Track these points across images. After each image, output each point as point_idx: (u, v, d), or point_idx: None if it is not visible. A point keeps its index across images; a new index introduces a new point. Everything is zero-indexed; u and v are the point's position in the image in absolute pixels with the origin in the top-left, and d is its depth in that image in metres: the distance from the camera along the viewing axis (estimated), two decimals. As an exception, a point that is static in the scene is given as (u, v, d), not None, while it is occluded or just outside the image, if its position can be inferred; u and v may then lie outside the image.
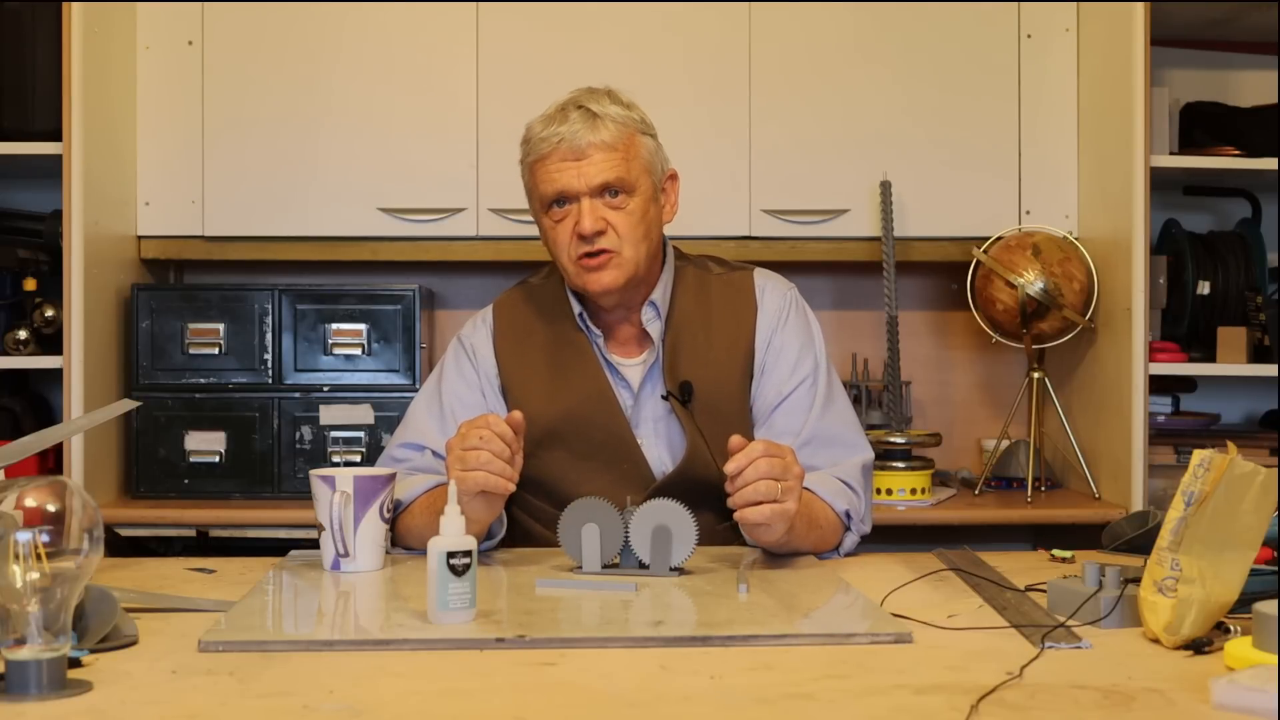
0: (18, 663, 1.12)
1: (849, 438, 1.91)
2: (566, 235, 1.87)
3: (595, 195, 1.86)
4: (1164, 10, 2.67)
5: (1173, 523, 1.30)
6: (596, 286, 1.88)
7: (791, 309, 1.97)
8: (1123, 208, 2.63)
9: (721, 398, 1.90)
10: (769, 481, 1.60)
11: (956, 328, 3.16)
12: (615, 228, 1.87)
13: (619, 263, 1.87)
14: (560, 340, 1.96)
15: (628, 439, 1.90)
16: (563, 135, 1.85)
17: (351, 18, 2.87)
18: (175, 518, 2.59)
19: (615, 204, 1.87)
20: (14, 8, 2.66)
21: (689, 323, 1.95)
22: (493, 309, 2.03)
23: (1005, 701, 1.11)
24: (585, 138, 1.85)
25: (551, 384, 1.93)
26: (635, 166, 1.88)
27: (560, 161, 1.86)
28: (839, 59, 2.90)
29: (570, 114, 1.87)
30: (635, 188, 1.88)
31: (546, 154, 1.87)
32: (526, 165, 1.93)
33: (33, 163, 2.66)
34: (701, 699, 1.13)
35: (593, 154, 1.85)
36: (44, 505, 1.20)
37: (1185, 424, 3.02)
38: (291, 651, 1.29)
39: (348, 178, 2.86)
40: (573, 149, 1.85)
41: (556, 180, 1.86)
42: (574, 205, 1.87)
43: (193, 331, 2.72)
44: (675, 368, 1.91)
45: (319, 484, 1.68)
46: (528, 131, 1.92)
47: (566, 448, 1.90)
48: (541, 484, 1.90)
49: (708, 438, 1.81)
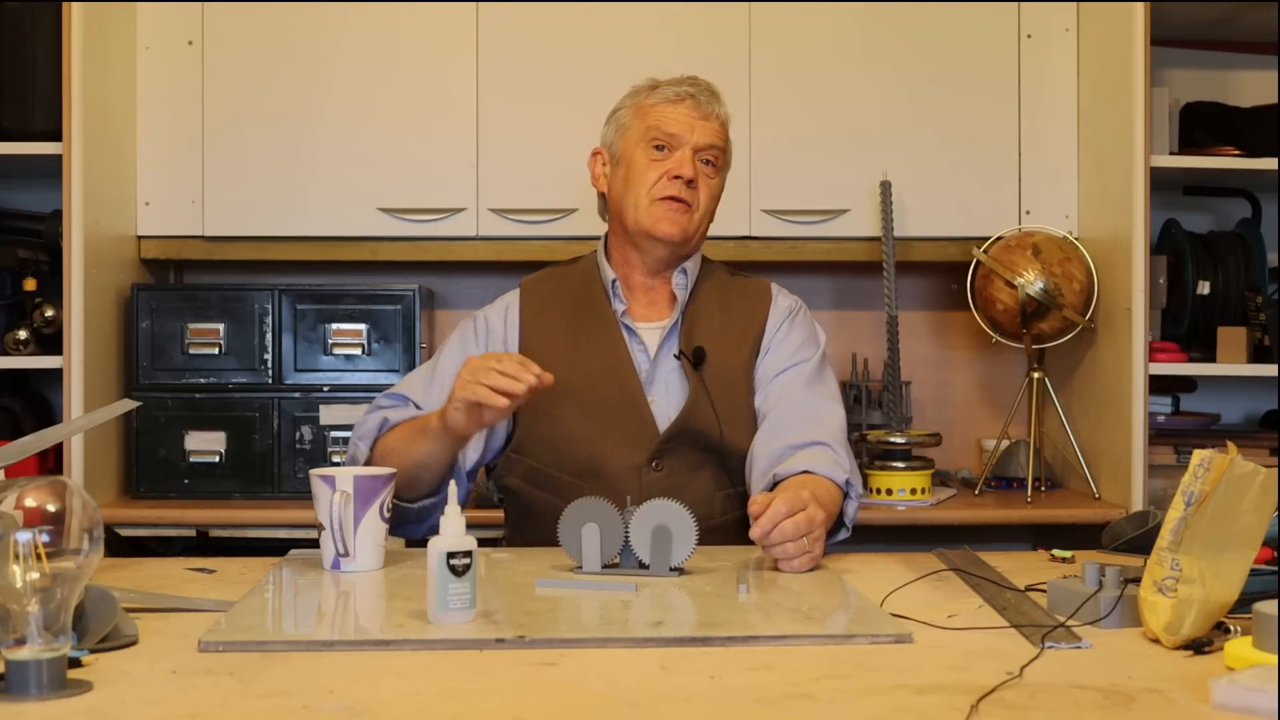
0: (18, 663, 1.12)
1: (829, 406, 2.04)
2: (657, 173, 2.03)
3: (699, 153, 2.04)
4: (1164, 10, 2.67)
5: (1173, 523, 1.30)
6: (669, 227, 2.03)
7: (800, 312, 2.14)
8: (1123, 208, 2.63)
9: (728, 367, 2.04)
10: (799, 543, 1.66)
11: (956, 328, 3.16)
12: (701, 188, 2.05)
13: (691, 218, 2.04)
14: (584, 307, 2.08)
15: (638, 398, 2.01)
16: (694, 94, 2.05)
17: (351, 18, 2.87)
18: (175, 518, 2.59)
19: (707, 171, 2.06)
20: (14, 8, 2.66)
21: (709, 301, 2.10)
22: (520, 285, 2.16)
23: (1005, 701, 1.11)
24: (712, 104, 2.06)
25: (572, 346, 2.05)
26: (729, 151, 2.11)
27: (687, 111, 2.04)
28: (839, 59, 2.90)
29: (699, 81, 2.08)
30: (724, 167, 2.10)
31: (676, 100, 2.05)
32: (639, 105, 2.08)
33: (33, 163, 2.66)
34: (701, 699, 1.13)
35: (713, 120, 2.06)
36: (44, 505, 1.20)
37: (1185, 424, 3.02)
38: (291, 651, 1.29)
39: (347, 178, 2.86)
40: (699, 107, 2.05)
41: (676, 124, 2.03)
42: (674, 154, 2.03)
43: (193, 331, 2.72)
44: (691, 334, 2.05)
45: (319, 484, 1.68)
46: (649, 81, 2.09)
47: (580, 405, 2.00)
48: (550, 441, 2.01)
49: (713, 399, 1.98)
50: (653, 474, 1.96)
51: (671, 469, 1.97)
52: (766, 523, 1.65)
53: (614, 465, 1.96)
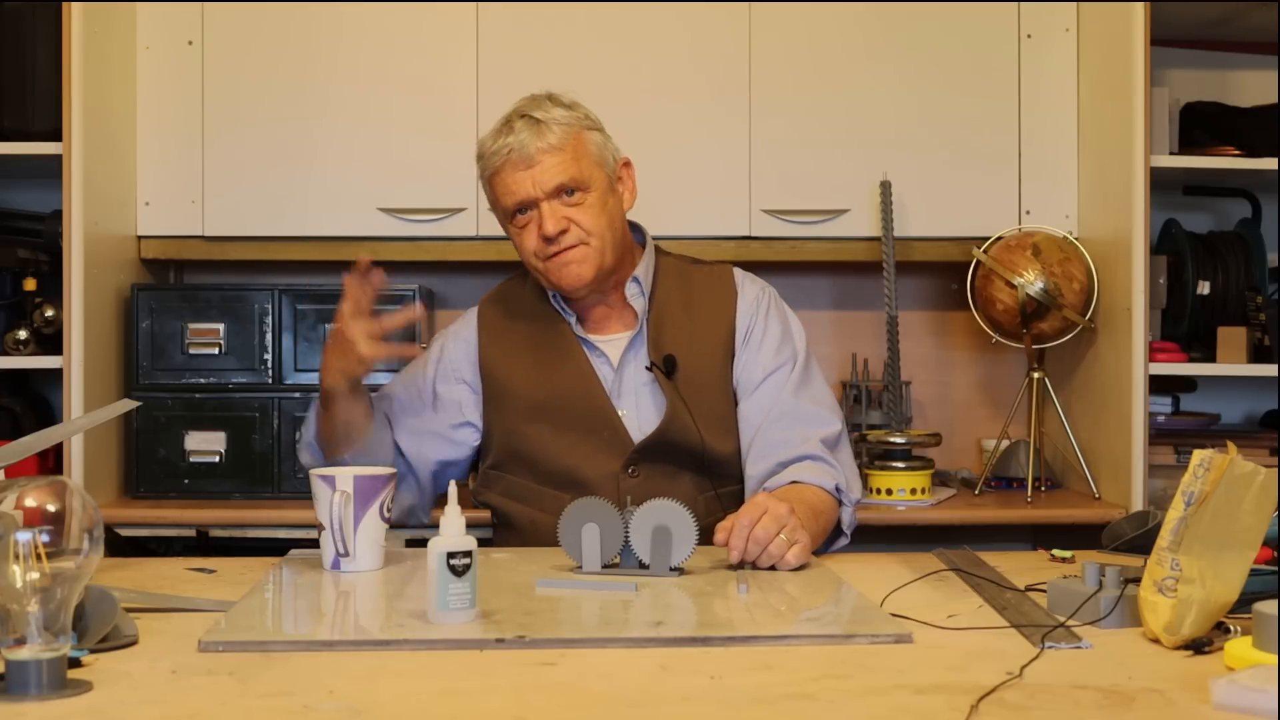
0: (18, 663, 1.12)
1: (820, 414, 2.00)
2: (533, 240, 1.97)
3: (553, 197, 1.95)
4: (1164, 10, 2.66)
5: (1173, 523, 1.30)
6: (570, 282, 1.98)
7: (771, 301, 2.09)
8: (1123, 208, 2.63)
9: (701, 371, 2.00)
10: (778, 540, 1.66)
11: (956, 328, 3.16)
12: (578, 223, 1.97)
13: (585, 255, 1.97)
14: (542, 324, 2.06)
15: (607, 410, 1.99)
16: (511, 146, 1.95)
17: (351, 18, 2.87)
18: (175, 518, 2.59)
19: (573, 201, 1.96)
20: (14, 8, 2.65)
21: (671, 303, 2.05)
22: (479, 304, 2.15)
23: (1005, 701, 1.11)
24: (533, 144, 1.94)
25: (534, 365, 2.03)
26: (586, 163, 1.97)
27: (513, 171, 1.95)
28: (839, 59, 2.90)
29: (515, 124, 1.97)
30: (589, 184, 1.97)
31: (499, 166, 1.97)
32: (485, 180, 2.02)
33: (33, 163, 2.66)
34: (701, 699, 1.13)
35: (542, 159, 1.94)
36: (44, 505, 1.20)
37: (1185, 424, 3.02)
38: (291, 651, 1.29)
39: (347, 178, 2.86)
40: (523, 157, 1.94)
41: (514, 190, 1.96)
42: (534, 211, 1.96)
43: (193, 331, 2.72)
44: (659, 341, 2.01)
45: (319, 483, 1.69)
46: (479, 148, 2.02)
47: (550, 422, 2.00)
48: (525, 458, 2.01)
49: (690, 408, 1.94)
50: (630, 480, 1.96)
51: (648, 475, 1.96)
52: (738, 541, 1.65)
53: (591, 474, 1.96)
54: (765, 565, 1.67)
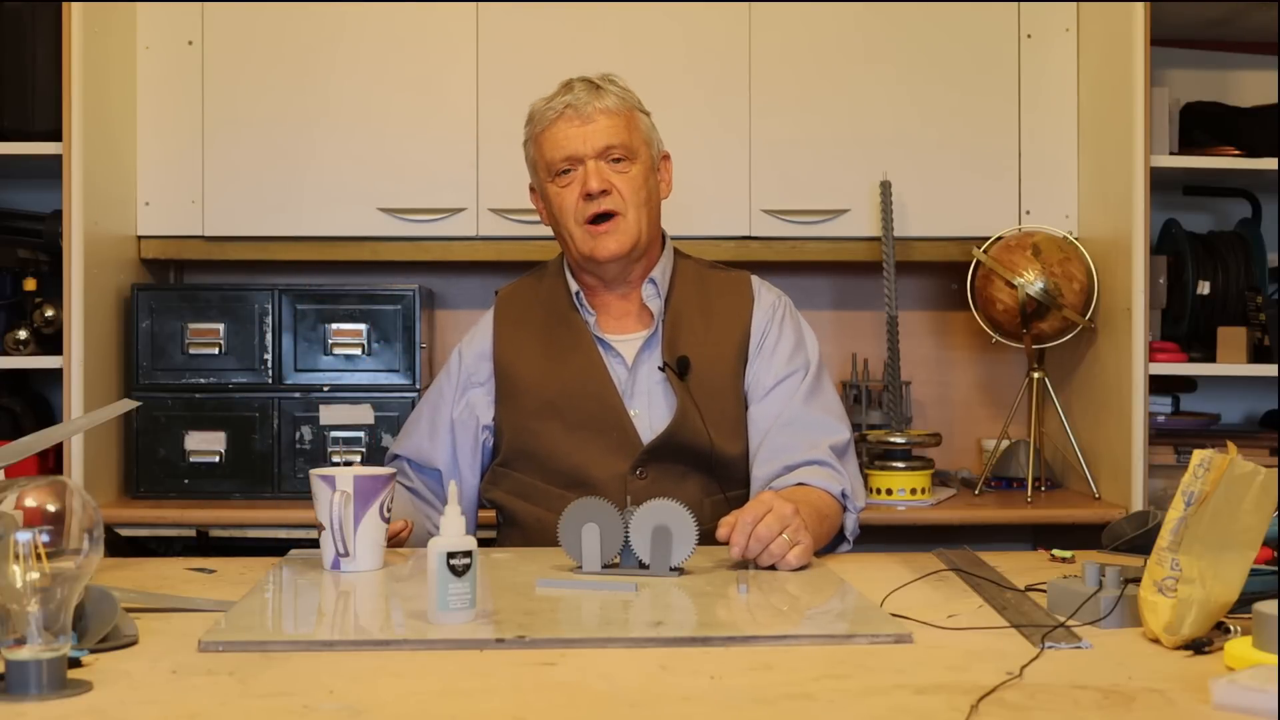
0: (18, 663, 1.12)
1: (829, 422, 2.00)
2: (573, 199, 1.98)
3: (600, 157, 1.97)
4: (1164, 10, 2.67)
5: (1173, 523, 1.30)
6: (604, 253, 1.98)
7: (786, 310, 2.10)
8: (1123, 208, 2.63)
9: (714, 375, 2.00)
10: (780, 540, 1.66)
11: (956, 328, 3.16)
12: (619, 189, 1.98)
13: (624, 227, 1.98)
14: (557, 321, 2.05)
15: (618, 409, 1.99)
16: (569, 102, 1.98)
17: (351, 18, 2.87)
18: (175, 518, 2.59)
19: (619, 169, 1.98)
20: (14, 8, 2.66)
21: (687, 305, 2.05)
22: (497, 295, 2.16)
23: (1005, 701, 1.11)
24: (591, 103, 1.97)
25: (547, 361, 2.03)
26: (636, 136, 2.01)
27: (567, 126, 1.97)
28: (839, 59, 2.90)
29: (575, 85, 2.00)
30: (637, 154, 2.00)
31: (554, 120, 1.98)
32: (532, 139, 2.03)
33: (33, 163, 2.66)
34: (701, 699, 1.13)
35: (598, 118, 1.97)
36: (44, 505, 1.20)
37: (1185, 424, 3.02)
38: (291, 651, 1.29)
39: (347, 178, 2.86)
40: (579, 114, 1.97)
41: (564, 145, 1.97)
42: (579, 170, 1.97)
43: (193, 331, 2.72)
44: (674, 343, 2.01)
45: (319, 484, 1.69)
46: (532, 110, 2.04)
47: (561, 419, 1.99)
48: (534, 456, 2.00)
49: (701, 410, 1.94)
50: (638, 481, 1.95)
51: (656, 477, 1.96)
52: (740, 537, 1.65)
53: (598, 475, 1.96)
54: (766, 564, 1.67)
